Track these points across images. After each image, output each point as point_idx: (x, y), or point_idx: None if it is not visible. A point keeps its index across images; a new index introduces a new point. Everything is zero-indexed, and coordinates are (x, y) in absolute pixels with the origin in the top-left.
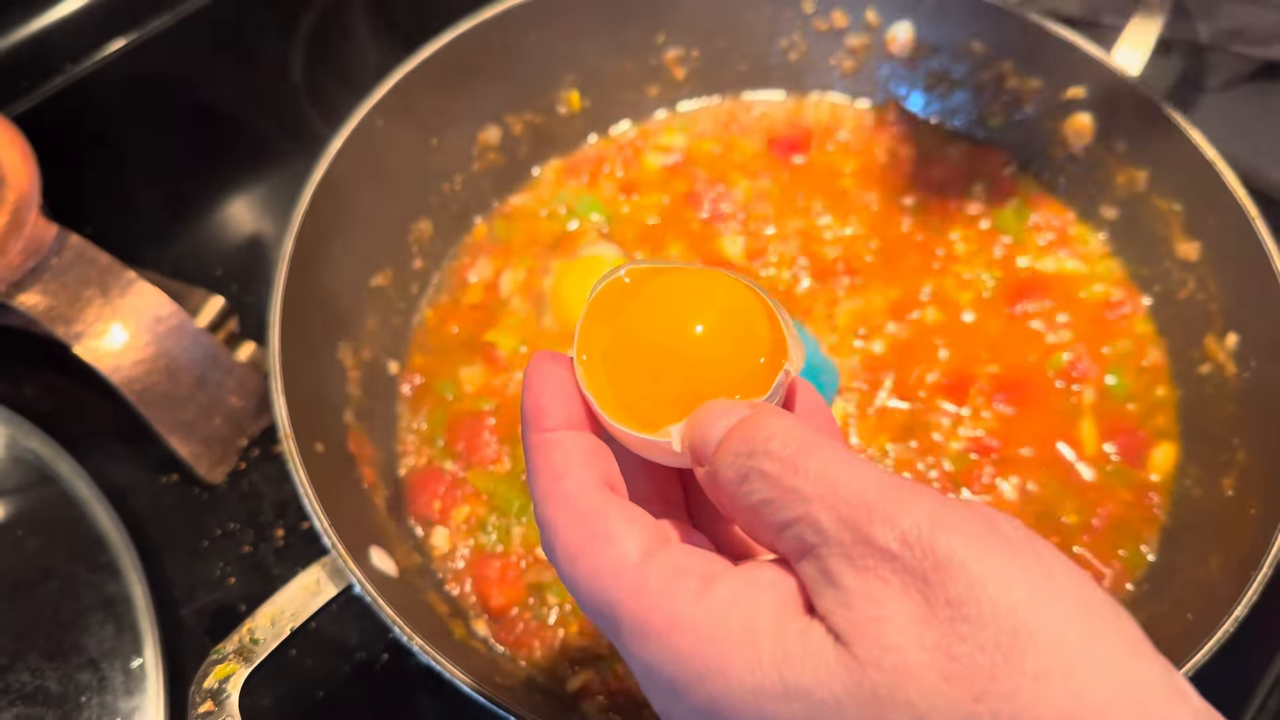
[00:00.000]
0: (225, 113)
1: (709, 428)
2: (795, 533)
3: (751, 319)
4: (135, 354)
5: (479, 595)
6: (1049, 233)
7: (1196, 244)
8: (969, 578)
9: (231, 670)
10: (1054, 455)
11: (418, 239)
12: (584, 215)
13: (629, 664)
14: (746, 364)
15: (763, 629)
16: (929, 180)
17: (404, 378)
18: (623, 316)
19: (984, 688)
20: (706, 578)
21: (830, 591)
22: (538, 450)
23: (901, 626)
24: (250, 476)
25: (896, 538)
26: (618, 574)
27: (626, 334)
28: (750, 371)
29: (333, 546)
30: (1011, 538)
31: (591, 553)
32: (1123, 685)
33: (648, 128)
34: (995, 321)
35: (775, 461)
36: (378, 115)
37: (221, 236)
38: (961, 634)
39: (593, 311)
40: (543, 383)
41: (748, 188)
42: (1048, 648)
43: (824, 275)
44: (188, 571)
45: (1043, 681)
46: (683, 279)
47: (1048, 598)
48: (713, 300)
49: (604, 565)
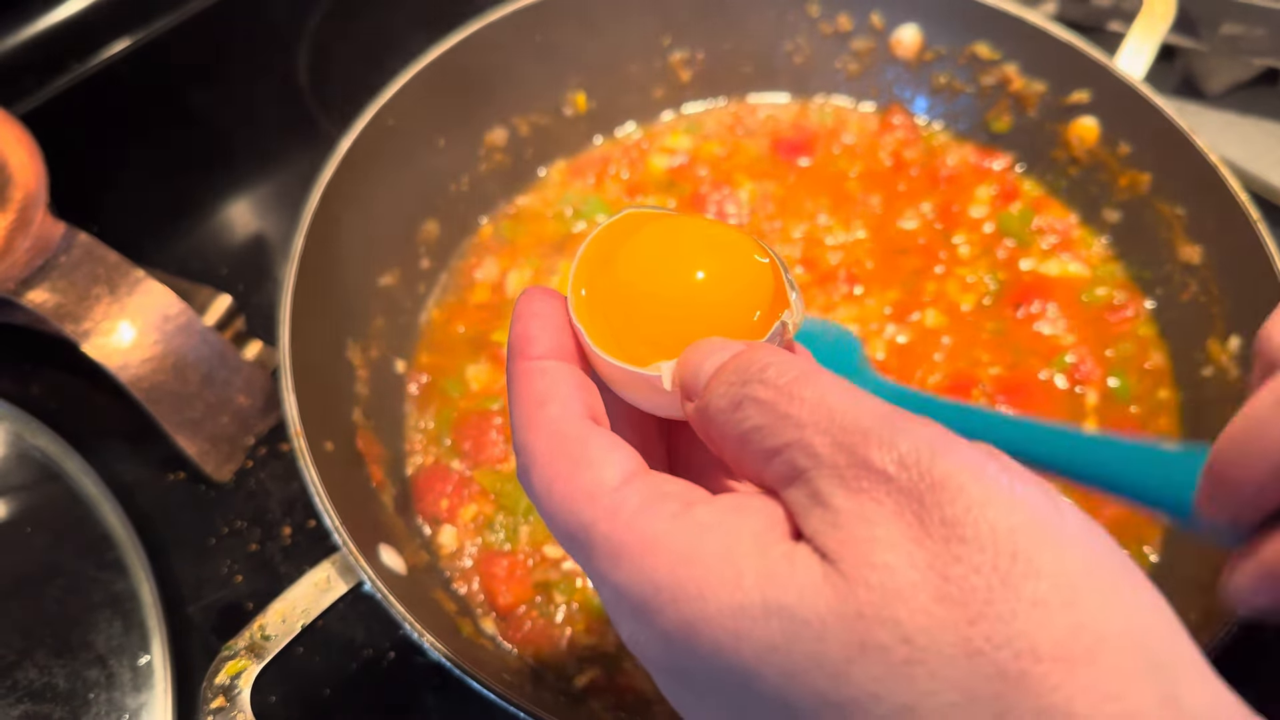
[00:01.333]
0: (231, 112)
1: (702, 361)
2: (786, 458)
3: (752, 270)
4: (143, 352)
5: (487, 593)
6: (1052, 236)
7: (1199, 248)
8: (967, 499)
9: (243, 666)
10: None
11: (425, 239)
12: (590, 217)
13: (599, 591)
14: (744, 312)
15: (745, 550)
16: (933, 183)
17: (411, 377)
18: (621, 257)
19: (978, 610)
20: (687, 502)
21: (819, 512)
22: (521, 377)
23: (893, 544)
24: (257, 475)
25: (894, 459)
26: (594, 496)
27: (624, 273)
28: (747, 320)
29: (343, 544)
30: (1014, 468)
31: (569, 476)
32: (1123, 621)
33: (653, 130)
34: (997, 324)
35: (770, 388)
36: (388, 115)
37: (228, 235)
38: (957, 554)
39: (590, 252)
40: (532, 314)
41: (752, 190)
42: (1048, 575)
43: (825, 279)
44: (195, 569)
45: (1040, 609)
46: (685, 225)
47: (1050, 527)
48: (714, 247)
49: (580, 488)
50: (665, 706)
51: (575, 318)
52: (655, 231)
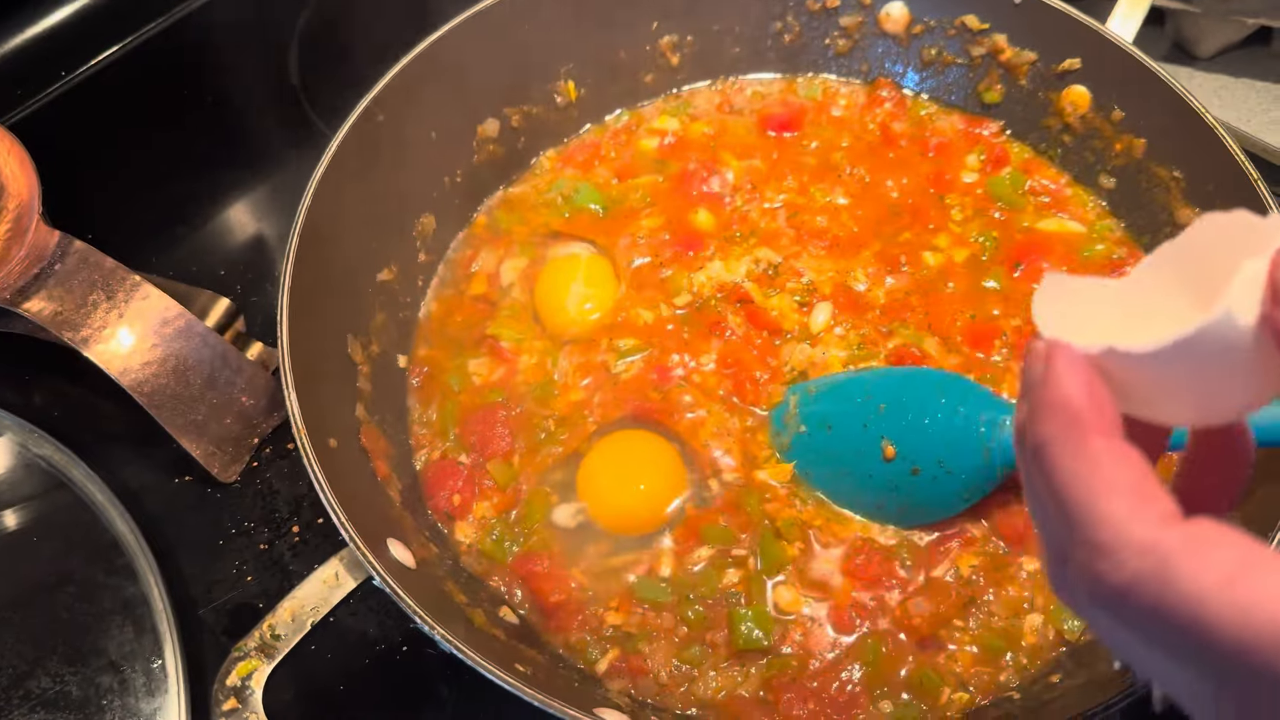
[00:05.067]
0: (224, 115)
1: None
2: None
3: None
4: (143, 356)
5: (533, 590)
6: (1045, 196)
7: (1197, 210)
8: None
9: (254, 667)
10: None
11: (421, 233)
12: (581, 204)
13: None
14: None
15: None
16: (922, 153)
17: (412, 371)
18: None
19: None
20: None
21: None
22: (1106, 459)
23: None
24: (264, 474)
25: None
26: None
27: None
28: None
29: (350, 540)
30: None
31: (1248, 581)
32: None
33: (642, 113)
34: (997, 282)
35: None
36: (377, 110)
37: (224, 238)
38: None
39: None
40: (1079, 376)
41: (739, 167)
42: None
43: (808, 237)
44: (205, 571)
45: None
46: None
47: None
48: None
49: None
50: (676, 689)
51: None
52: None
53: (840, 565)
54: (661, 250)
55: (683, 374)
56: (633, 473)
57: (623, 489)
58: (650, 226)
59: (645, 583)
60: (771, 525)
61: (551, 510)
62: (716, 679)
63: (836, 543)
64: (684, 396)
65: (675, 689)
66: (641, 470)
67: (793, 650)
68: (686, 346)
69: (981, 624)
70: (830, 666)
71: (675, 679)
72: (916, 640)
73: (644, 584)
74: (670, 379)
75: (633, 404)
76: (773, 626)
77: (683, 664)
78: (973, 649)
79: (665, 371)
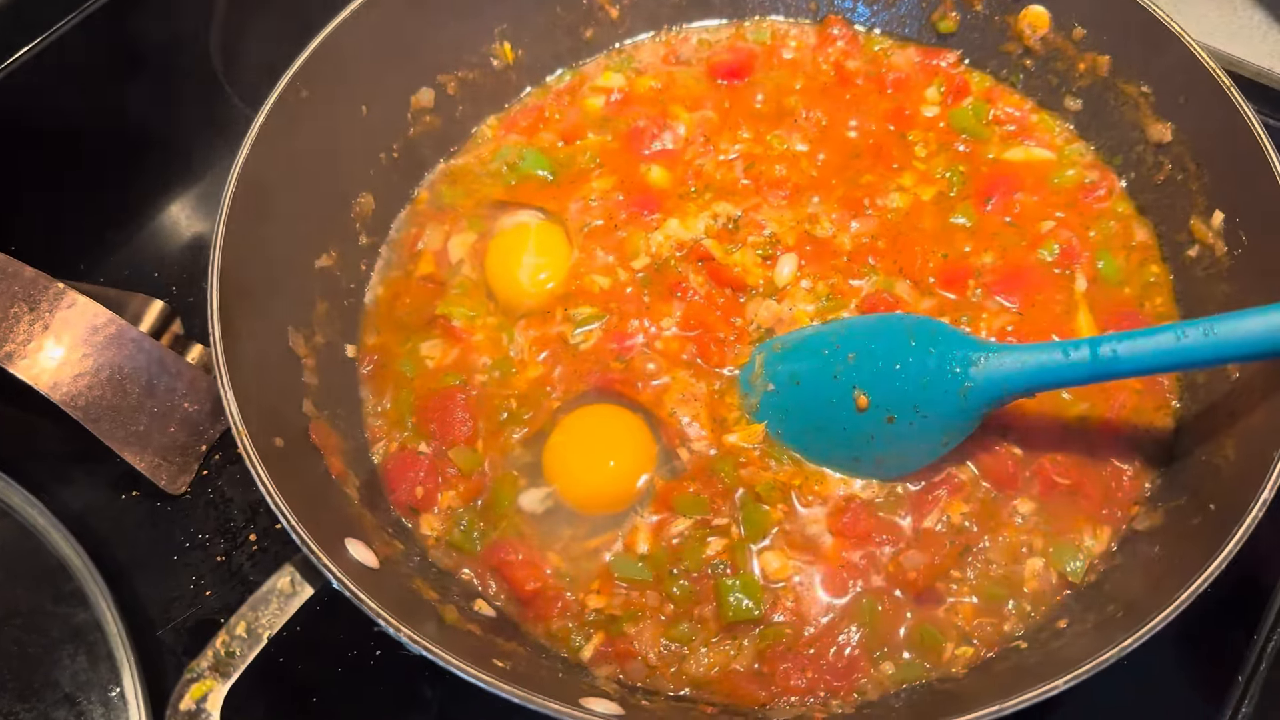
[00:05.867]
0: (147, 110)
1: None
2: None
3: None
4: (74, 368)
5: (507, 579)
6: (1010, 125)
7: (1169, 125)
8: None
9: (209, 687)
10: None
11: (360, 214)
12: (527, 171)
13: None
14: None
15: None
16: (880, 90)
17: (362, 360)
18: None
19: None
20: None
21: None
22: None
23: None
24: (215, 483)
25: None
26: None
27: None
28: None
29: (302, 543)
30: None
31: None
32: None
33: (585, 71)
34: (968, 218)
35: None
36: (300, 85)
37: (157, 239)
38: None
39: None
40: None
41: (690, 120)
42: None
43: (767, 188)
44: (160, 590)
45: None
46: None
47: None
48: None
49: None
50: (667, 670)
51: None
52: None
53: (827, 524)
54: (615, 212)
55: (643, 340)
56: (600, 450)
57: (591, 467)
58: (602, 188)
59: (622, 560)
60: (750, 490)
61: (519, 494)
62: (708, 655)
63: (819, 501)
64: (647, 364)
65: (666, 670)
66: (608, 446)
67: (785, 618)
68: (646, 311)
69: (979, 573)
70: (826, 631)
71: (665, 659)
72: (913, 595)
73: (621, 562)
74: (632, 347)
75: (595, 376)
76: (762, 595)
77: (672, 643)
78: (973, 599)
79: (625, 339)
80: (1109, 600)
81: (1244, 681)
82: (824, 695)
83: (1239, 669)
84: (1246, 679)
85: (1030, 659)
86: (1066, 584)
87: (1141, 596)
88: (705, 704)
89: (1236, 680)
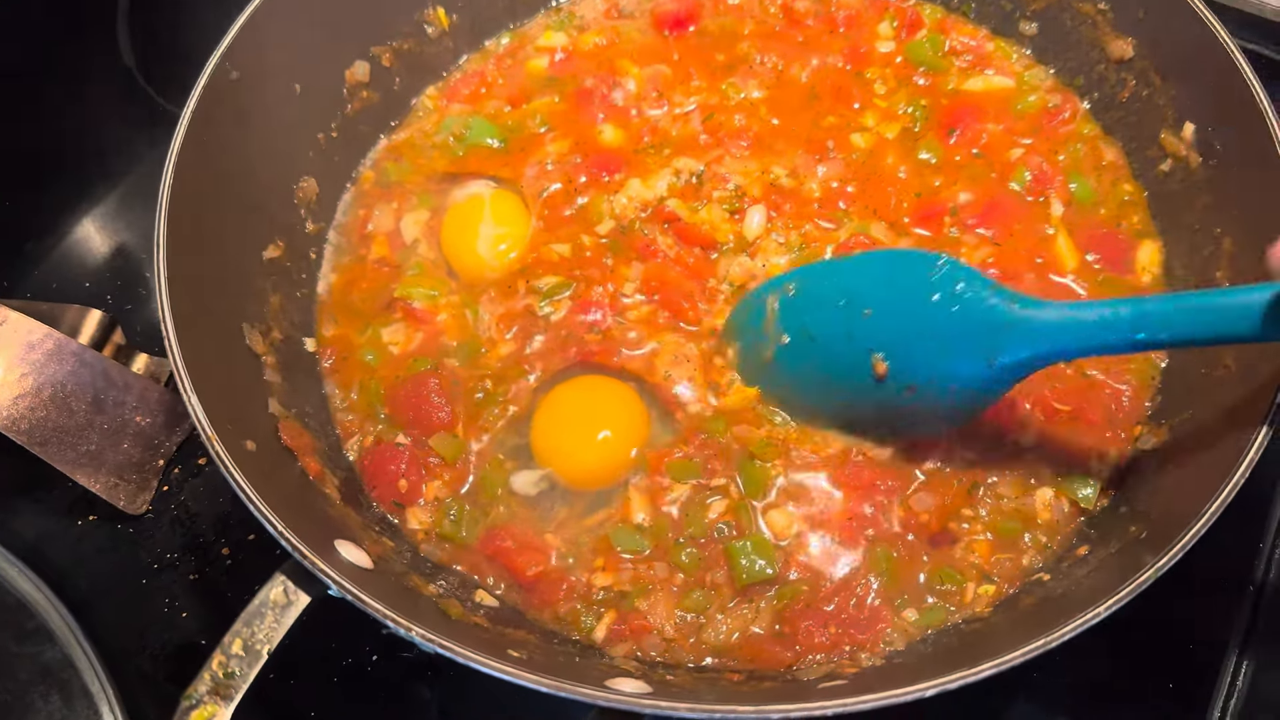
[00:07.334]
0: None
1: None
2: None
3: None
4: (13, 390)
5: (505, 567)
6: (967, 55)
7: (1129, 40)
8: None
9: (211, 712)
10: (1046, 283)
11: (304, 200)
12: (475, 140)
13: None
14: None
15: None
16: (832, 29)
17: (323, 353)
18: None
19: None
20: None
21: None
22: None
23: None
24: (178, 498)
25: None
26: None
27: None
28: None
29: (293, 549)
30: None
31: None
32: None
33: (525, 32)
34: (933, 152)
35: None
36: (229, 68)
37: (81, 248)
38: None
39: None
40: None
41: (640, 74)
42: None
43: (728, 139)
44: (131, 617)
45: None
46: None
47: None
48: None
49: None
50: (685, 641)
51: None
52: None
53: (829, 477)
54: (574, 175)
55: (610, 307)
56: (590, 422)
57: (583, 441)
58: (557, 151)
59: (621, 532)
60: (744, 449)
61: (509, 478)
62: (726, 621)
63: (818, 455)
64: (628, 333)
65: (684, 641)
66: (599, 418)
67: (800, 575)
68: (611, 275)
69: (991, 509)
70: (844, 585)
71: (682, 630)
72: (927, 538)
73: (619, 534)
74: (606, 317)
75: (573, 350)
76: (774, 553)
77: (687, 613)
78: (987, 536)
79: (594, 307)
80: (1129, 522)
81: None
82: (850, 649)
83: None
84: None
85: (1056, 589)
86: (1080, 511)
87: (1162, 515)
88: (730, 671)
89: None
